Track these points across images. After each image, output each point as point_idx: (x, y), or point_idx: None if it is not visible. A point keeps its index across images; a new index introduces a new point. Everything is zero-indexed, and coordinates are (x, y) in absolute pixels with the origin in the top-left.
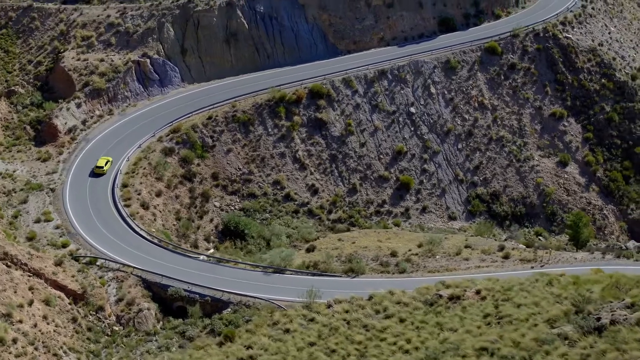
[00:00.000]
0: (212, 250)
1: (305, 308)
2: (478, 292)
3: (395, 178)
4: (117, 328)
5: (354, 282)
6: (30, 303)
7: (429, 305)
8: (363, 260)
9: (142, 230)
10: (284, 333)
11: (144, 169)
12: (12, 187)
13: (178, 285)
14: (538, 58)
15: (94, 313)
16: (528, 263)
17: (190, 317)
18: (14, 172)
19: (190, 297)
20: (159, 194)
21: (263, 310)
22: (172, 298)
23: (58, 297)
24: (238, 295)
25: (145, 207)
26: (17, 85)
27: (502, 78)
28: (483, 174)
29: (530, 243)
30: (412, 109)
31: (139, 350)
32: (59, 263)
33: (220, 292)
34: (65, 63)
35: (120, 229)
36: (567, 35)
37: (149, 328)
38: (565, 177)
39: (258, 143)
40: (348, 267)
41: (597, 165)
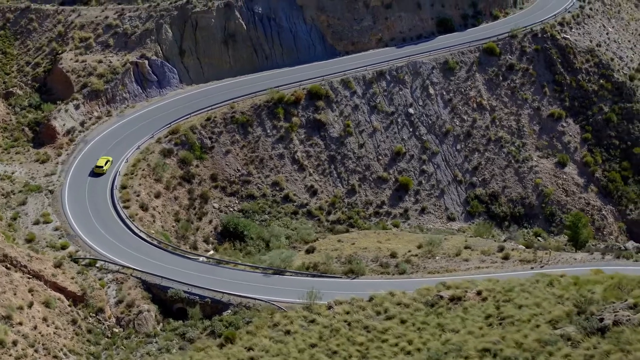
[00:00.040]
0: (211, 252)
1: (306, 309)
2: (479, 293)
3: (394, 179)
4: (117, 330)
5: (354, 283)
6: (30, 305)
7: (430, 306)
8: (363, 262)
9: (141, 232)
10: (285, 334)
11: (143, 171)
12: (10, 188)
13: (178, 287)
14: (536, 59)
15: (94, 315)
16: (528, 264)
17: (191, 318)
18: (13, 173)
19: (190, 298)
20: (158, 196)
21: (263, 312)
22: (172, 300)
23: (58, 299)
24: (238, 297)
25: (145, 208)
26: (15, 87)
27: (500, 79)
28: (482, 175)
29: (530, 244)
30: (410, 110)
31: (139, 352)
32: (59, 265)
33: (220, 293)
34: (64, 64)
35: (120, 231)
36: (565, 36)
37: (149, 330)
38: (564, 177)
39: (257, 144)
40: (348, 268)
41: (595, 166)
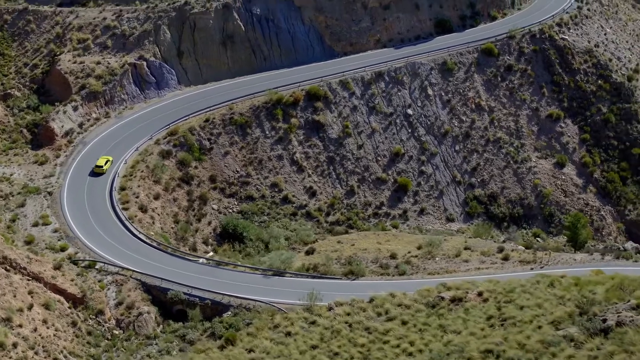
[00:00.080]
0: (211, 254)
1: (306, 311)
2: (480, 294)
3: (393, 180)
4: (117, 332)
5: (354, 284)
6: (30, 307)
7: (431, 308)
8: (363, 263)
9: (140, 234)
10: (286, 336)
11: (142, 172)
12: (9, 190)
13: (178, 289)
14: (534, 59)
15: (94, 317)
16: (528, 264)
17: (191, 320)
18: (11, 175)
19: (190, 300)
20: (157, 197)
21: (264, 313)
22: (171, 301)
23: (57, 301)
24: (238, 298)
25: (144, 210)
26: (13, 89)
27: (498, 79)
28: (480, 176)
29: (529, 244)
30: (409, 111)
31: (140, 354)
32: (58, 267)
33: (221, 295)
34: (62, 66)
35: (119, 232)
36: (563, 37)
37: (149, 332)
38: (563, 178)
39: (255, 145)
40: (348, 269)
41: (594, 167)
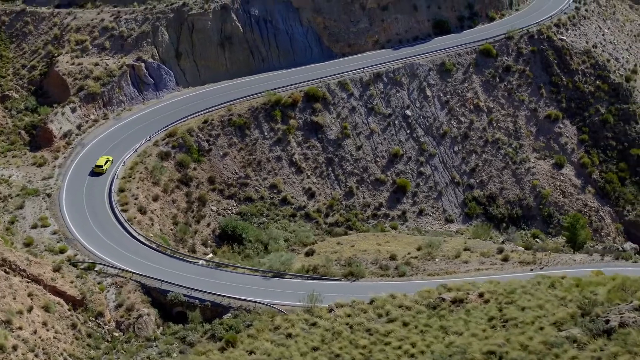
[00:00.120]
0: (210, 255)
1: (307, 312)
2: (481, 295)
3: (392, 181)
4: (117, 334)
5: (354, 285)
6: (30, 309)
7: (432, 309)
8: (362, 264)
9: (140, 235)
10: (287, 338)
11: (141, 174)
12: (8, 192)
13: (177, 291)
14: (533, 60)
15: (94, 319)
16: (527, 265)
17: (191, 322)
18: (10, 177)
19: (190, 302)
20: (156, 199)
21: (264, 315)
22: (171, 303)
23: (57, 303)
24: (238, 300)
25: (143, 211)
26: (11, 90)
27: (497, 80)
28: (479, 177)
29: (529, 245)
30: (407, 112)
31: (140, 356)
32: (58, 269)
33: (220, 297)
34: (60, 67)
35: (118, 234)
36: (561, 37)
37: (149, 334)
38: (561, 179)
39: (254, 147)
40: (348, 270)
41: (592, 167)
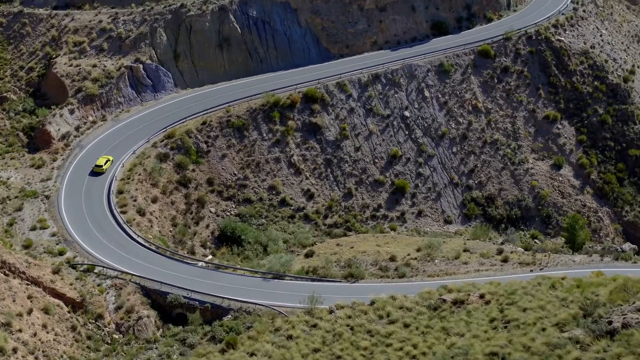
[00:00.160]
0: (210, 257)
1: (307, 314)
2: (482, 296)
3: (391, 182)
4: (116, 336)
5: (354, 287)
6: (30, 312)
7: (433, 310)
8: (362, 265)
9: (139, 237)
10: (287, 339)
11: (139, 175)
12: (6, 194)
13: (177, 292)
14: (531, 61)
15: (93, 321)
16: (527, 266)
17: (191, 324)
18: (8, 179)
19: (190, 304)
20: (155, 200)
21: (264, 317)
22: (171, 305)
23: (57, 305)
24: (238, 302)
25: (142, 213)
26: (9, 92)
27: (495, 81)
28: (478, 178)
29: (528, 246)
30: (406, 113)
31: (140, 359)
32: (57, 271)
33: (220, 298)
34: (58, 69)
35: (117, 236)
36: (559, 38)
37: (149, 336)
38: (560, 179)
39: (253, 148)
40: (347, 272)
41: (591, 168)
